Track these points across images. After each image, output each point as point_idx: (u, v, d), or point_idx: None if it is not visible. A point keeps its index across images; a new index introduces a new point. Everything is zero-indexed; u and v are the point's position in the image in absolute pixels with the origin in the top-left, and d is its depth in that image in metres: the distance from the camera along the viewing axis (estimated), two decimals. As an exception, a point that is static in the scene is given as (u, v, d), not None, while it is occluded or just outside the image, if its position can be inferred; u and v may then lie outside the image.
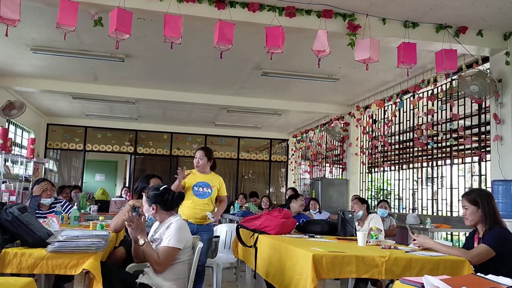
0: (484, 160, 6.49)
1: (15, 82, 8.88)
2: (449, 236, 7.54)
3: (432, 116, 7.30)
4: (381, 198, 8.99)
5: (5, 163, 7.60)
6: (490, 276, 1.88)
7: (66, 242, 2.65)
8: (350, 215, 4.51)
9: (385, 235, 5.53)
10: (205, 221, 4.67)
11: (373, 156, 9.34)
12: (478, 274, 1.98)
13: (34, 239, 2.71)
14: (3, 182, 7.34)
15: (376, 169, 9.60)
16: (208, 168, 4.87)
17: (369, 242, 3.73)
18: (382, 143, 8.90)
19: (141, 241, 2.99)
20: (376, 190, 10.45)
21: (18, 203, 3.95)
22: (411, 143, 8.22)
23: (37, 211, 4.68)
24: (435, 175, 7.89)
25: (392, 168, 9.36)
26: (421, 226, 6.94)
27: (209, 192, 4.71)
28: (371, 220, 5.28)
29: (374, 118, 9.23)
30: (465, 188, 7.08)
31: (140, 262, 3.21)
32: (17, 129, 10.73)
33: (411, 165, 8.52)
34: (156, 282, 2.98)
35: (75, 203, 5.10)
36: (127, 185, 13.69)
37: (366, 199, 8.05)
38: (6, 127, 9.19)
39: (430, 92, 7.39)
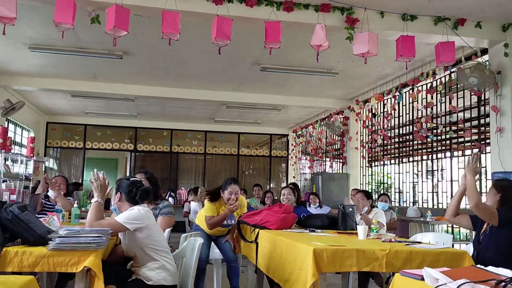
0: (484, 152, 6.49)
1: (14, 81, 8.86)
2: (449, 229, 7.55)
3: (432, 109, 7.29)
4: (382, 192, 9.00)
5: (5, 162, 7.59)
6: (490, 268, 1.89)
7: (67, 237, 2.65)
8: (350, 209, 4.52)
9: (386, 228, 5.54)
10: (222, 233, 4.80)
11: (373, 150, 9.34)
12: (478, 266, 1.98)
13: (34, 237, 2.71)
14: (3, 181, 7.34)
15: (376, 163, 9.61)
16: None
17: (370, 235, 3.74)
18: (381, 137, 8.90)
19: (94, 199, 3.08)
20: (376, 184, 10.46)
21: (18, 202, 3.96)
22: (411, 136, 8.23)
23: (46, 203, 4.78)
24: (435, 168, 7.90)
25: (392, 161, 9.37)
26: (422, 219, 6.96)
27: (232, 223, 4.77)
28: (375, 215, 5.27)
29: (373, 112, 9.23)
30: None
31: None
32: (16, 128, 10.73)
33: (411, 159, 8.53)
34: (144, 274, 2.99)
35: (76, 201, 5.11)
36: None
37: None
38: (6, 126, 9.18)
39: (429, 85, 7.38)
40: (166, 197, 12.05)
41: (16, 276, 1.83)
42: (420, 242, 3.52)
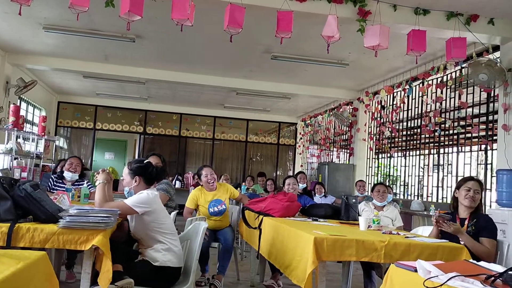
0: (490, 149, 6.50)
1: (27, 60, 8.98)
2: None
3: (441, 103, 7.30)
4: (387, 184, 9.03)
5: (17, 140, 7.74)
6: (482, 263, 1.95)
7: (77, 216, 2.74)
8: (353, 200, 4.58)
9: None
10: (222, 226, 4.91)
11: (381, 142, 9.37)
12: (471, 260, 2.05)
13: (46, 215, 2.81)
14: (14, 159, 7.49)
15: (383, 155, 9.63)
16: (215, 184, 5.02)
17: (371, 227, 3.81)
18: (389, 129, 8.92)
19: (99, 181, 3.18)
20: (383, 176, 10.50)
21: (30, 180, 4.07)
22: (419, 130, 8.24)
23: (59, 184, 4.88)
24: (441, 163, 7.92)
25: (399, 154, 9.39)
26: (425, 213, 7.01)
27: (223, 209, 4.91)
28: (395, 216, 5.01)
29: (382, 104, 9.23)
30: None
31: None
32: (28, 106, 10.86)
33: (418, 152, 8.55)
34: (150, 256, 3.08)
35: (86, 181, 5.22)
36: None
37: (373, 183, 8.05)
38: (18, 104, 9.32)
39: (439, 79, 7.37)
40: (173, 181, 12.20)
41: (30, 251, 1.92)
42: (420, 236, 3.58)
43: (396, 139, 9.19)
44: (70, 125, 13.56)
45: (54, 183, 4.98)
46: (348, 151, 10.61)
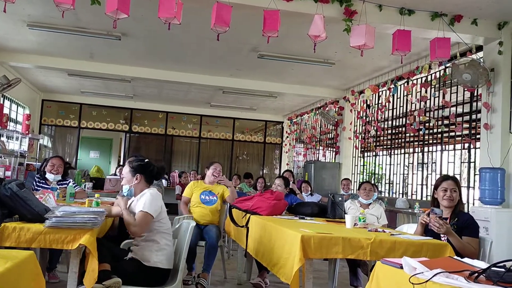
0: (473, 147, 6.61)
1: (11, 58, 8.86)
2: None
3: (425, 102, 7.39)
4: (372, 182, 9.12)
5: (0, 138, 7.64)
6: (466, 260, 2.00)
7: (63, 217, 2.73)
8: (340, 198, 4.63)
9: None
10: (211, 222, 4.97)
11: (366, 140, 9.45)
12: (455, 257, 2.09)
13: (32, 214, 2.79)
14: (-2, 157, 7.39)
15: (368, 154, 9.72)
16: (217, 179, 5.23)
17: (357, 224, 3.86)
18: (375, 128, 9.00)
19: (121, 210, 3.16)
20: (368, 174, 10.60)
21: (15, 179, 4.03)
22: (404, 129, 8.34)
23: (42, 184, 4.83)
24: (426, 161, 8.03)
25: (384, 152, 9.49)
26: (410, 211, 7.10)
27: (214, 200, 5.04)
28: (380, 214, 5.10)
29: (368, 103, 9.31)
30: (454, 174, 7.21)
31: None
32: (12, 105, 10.71)
33: (402, 150, 8.66)
34: (142, 255, 3.07)
35: (71, 180, 5.17)
36: (121, 163, 13.75)
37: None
38: (1, 102, 9.19)
39: (424, 79, 7.46)
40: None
41: (17, 250, 1.91)
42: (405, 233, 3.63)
43: (381, 138, 9.28)
44: (54, 124, 13.40)
45: (37, 183, 4.92)
46: (334, 149, 10.68)
